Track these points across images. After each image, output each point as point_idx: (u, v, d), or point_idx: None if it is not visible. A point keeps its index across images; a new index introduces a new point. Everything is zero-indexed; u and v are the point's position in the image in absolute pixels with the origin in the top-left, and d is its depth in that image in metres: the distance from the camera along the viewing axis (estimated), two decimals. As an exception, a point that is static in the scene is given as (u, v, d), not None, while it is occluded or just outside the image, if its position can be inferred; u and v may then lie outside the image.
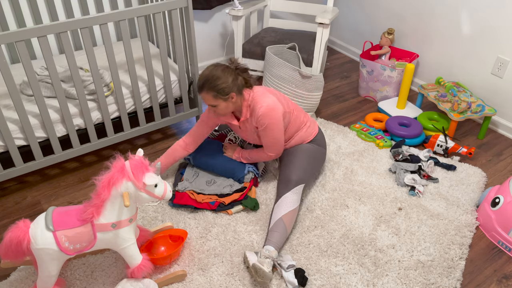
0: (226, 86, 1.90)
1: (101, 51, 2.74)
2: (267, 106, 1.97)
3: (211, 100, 1.93)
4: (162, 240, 1.92)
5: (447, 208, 2.17)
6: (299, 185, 2.06)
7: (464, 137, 2.76)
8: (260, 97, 2.01)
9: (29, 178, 2.41)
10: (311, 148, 2.20)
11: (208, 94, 1.91)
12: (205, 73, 1.91)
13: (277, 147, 2.11)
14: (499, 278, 1.87)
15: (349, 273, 1.84)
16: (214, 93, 1.90)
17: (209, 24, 3.35)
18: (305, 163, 2.13)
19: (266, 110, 1.97)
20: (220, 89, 1.89)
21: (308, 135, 2.22)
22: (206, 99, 1.94)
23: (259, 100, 2.00)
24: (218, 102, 1.93)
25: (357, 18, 3.61)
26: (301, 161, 2.13)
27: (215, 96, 1.91)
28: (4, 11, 2.51)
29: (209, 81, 1.89)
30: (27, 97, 2.28)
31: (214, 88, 1.89)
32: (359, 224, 2.08)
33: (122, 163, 1.54)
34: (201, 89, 1.92)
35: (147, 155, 2.54)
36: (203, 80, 1.90)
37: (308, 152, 2.18)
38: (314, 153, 2.20)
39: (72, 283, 1.79)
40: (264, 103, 1.98)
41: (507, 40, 2.59)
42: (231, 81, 1.91)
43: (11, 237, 1.49)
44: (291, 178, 2.05)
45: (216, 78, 1.89)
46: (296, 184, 2.05)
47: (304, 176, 2.09)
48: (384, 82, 3.01)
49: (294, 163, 2.12)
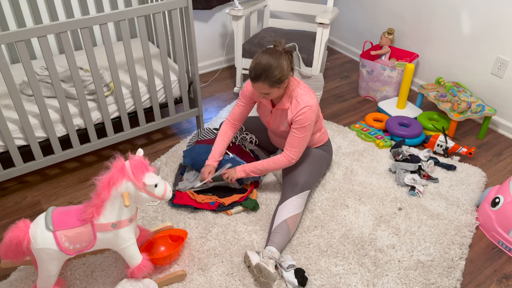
0: (283, 74, 1.84)
1: (101, 51, 2.73)
2: (311, 106, 1.93)
3: (266, 89, 1.87)
4: (162, 240, 1.92)
5: (447, 208, 2.17)
6: (306, 190, 2.06)
7: (464, 137, 2.76)
8: (307, 95, 1.96)
9: (29, 178, 2.41)
10: (319, 153, 2.21)
11: (265, 84, 1.84)
12: (262, 63, 1.81)
13: (301, 151, 2.04)
14: (499, 278, 1.87)
15: (349, 273, 1.84)
16: (271, 82, 1.84)
17: (209, 24, 3.35)
18: (313, 168, 2.13)
19: (310, 110, 1.93)
20: (277, 79, 1.83)
21: (319, 141, 2.22)
22: (261, 88, 1.87)
23: (305, 98, 1.94)
24: (272, 90, 1.88)
25: (357, 18, 3.61)
26: (309, 165, 2.13)
27: (271, 85, 1.85)
28: (4, 11, 2.51)
29: (267, 72, 1.81)
30: (27, 97, 2.28)
31: (272, 78, 1.82)
32: (359, 224, 2.08)
33: (122, 163, 1.54)
34: (258, 79, 1.84)
35: (147, 155, 2.54)
36: (261, 71, 1.81)
37: (316, 157, 2.18)
38: (322, 158, 2.21)
39: (72, 283, 1.79)
40: (309, 103, 1.93)
41: (507, 40, 2.59)
42: (286, 69, 1.84)
43: (11, 237, 1.49)
44: (298, 182, 2.05)
45: (274, 68, 1.81)
46: (303, 189, 2.04)
47: (311, 181, 2.10)
48: (384, 82, 3.01)
49: (302, 166, 2.11)
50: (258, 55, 1.86)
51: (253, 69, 1.84)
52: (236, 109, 2.19)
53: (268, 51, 1.86)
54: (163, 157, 2.50)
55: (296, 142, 2.01)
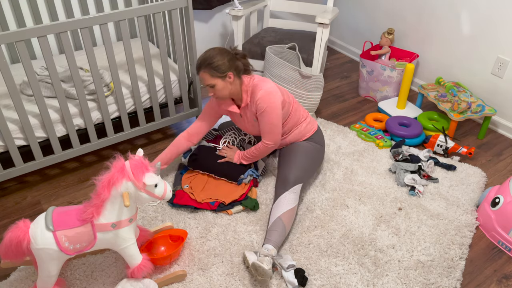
0: (222, 63, 1.93)
1: (101, 51, 2.74)
2: (265, 90, 2.01)
3: (208, 79, 1.96)
4: (162, 240, 1.92)
5: (447, 208, 2.17)
6: (297, 184, 2.06)
7: (464, 137, 2.76)
8: (260, 82, 2.05)
9: (29, 178, 2.41)
10: (309, 146, 2.20)
11: (205, 73, 1.95)
12: (202, 54, 1.97)
13: (275, 135, 2.08)
14: (499, 278, 1.87)
15: (349, 273, 1.84)
16: (211, 70, 1.93)
17: (209, 24, 3.35)
18: (303, 162, 2.13)
19: (264, 93, 2.00)
20: (216, 66, 1.93)
21: (307, 131, 2.22)
22: (204, 78, 1.97)
23: (259, 84, 2.04)
24: (215, 81, 1.96)
25: (357, 18, 3.61)
26: (299, 160, 2.13)
27: (212, 74, 1.94)
28: (4, 11, 2.51)
29: (206, 60, 1.93)
30: (27, 97, 2.28)
31: (211, 65, 1.93)
32: (359, 224, 2.08)
33: (122, 163, 1.54)
34: (199, 68, 1.96)
35: (147, 155, 2.54)
36: (201, 59, 1.95)
37: (306, 151, 2.18)
38: (312, 151, 2.20)
39: (72, 283, 1.79)
40: (263, 87, 2.02)
41: (507, 40, 2.59)
42: (227, 60, 1.95)
43: (11, 237, 1.49)
44: (289, 178, 2.06)
45: (212, 56, 1.93)
46: (294, 183, 2.05)
47: (302, 175, 2.10)
48: (384, 82, 3.01)
49: (292, 162, 2.12)
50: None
51: (197, 61, 1.99)
52: (196, 123, 2.24)
53: (213, 47, 1.99)
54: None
55: (267, 128, 2.07)
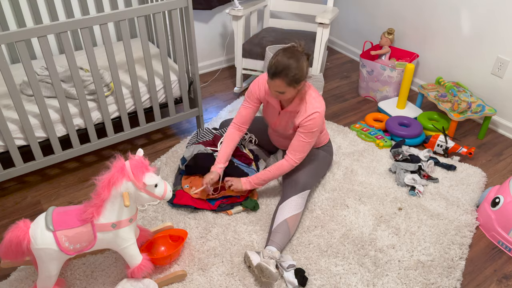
0: (302, 74, 1.83)
1: (101, 51, 2.73)
2: (320, 114, 1.92)
3: (282, 87, 1.83)
4: (162, 240, 1.92)
5: (447, 208, 2.17)
6: (306, 190, 2.06)
7: (464, 137, 2.76)
8: (316, 100, 1.95)
9: (29, 178, 2.40)
10: (321, 154, 2.21)
11: (282, 82, 1.81)
12: (283, 60, 1.79)
13: (303, 155, 2.03)
14: (499, 278, 1.87)
15: (349, 273, 1.84)
16: (289, 81, 1.81)
17: (209, 24, 3.35)
18: (314, 168, 2.14)
19: (318, 116, 1.92)
20: (296, 78, 1.81)
21: (321, 142, 2.22)
22: (278, 85, 1.83)
23: (315, 102, 1.94)
24: (288, 89, 1.85)
25: (357, 18, 3.61)
26: (310, 165, 2.13)
27: (288, 84, 1.82)
28: (4, 11, 2.51)
29: (286, 69, 1.78)
30: (27, 97, 2.28)
31: (291, 76, 1.80)
32: (359, 224, 2.08)
33: (122, 163, 1.54)
34: (276, 76, 1.80)
35: (147, 155, 2.54)
36: (282, 68, 1.78)
37: (317, 157, 2.18)
38: (323, 159, 2.22)
39: (72, 283, 1.79)
40: (319, 109, 1.92)
41: (507, 40, 2.59)
42: (305, 70, 1.84)
43: (11, 237, 1.49)
44: (299, 181, 2.05)
45: (294, 67, 1.79)
46: (303, 188, 2.05)
47: (311, 181, 2.10)
48: (384, 82, 3.01)
49: (304, 166, 2.11)
50: (279, 52, 1.84)
51: (274, 65, 1.81)
52: (243, 112, 2.14)
53: (289, 50, 1.83)
54: (163, 157, 2.50)
55: (301, 146, 2.00)
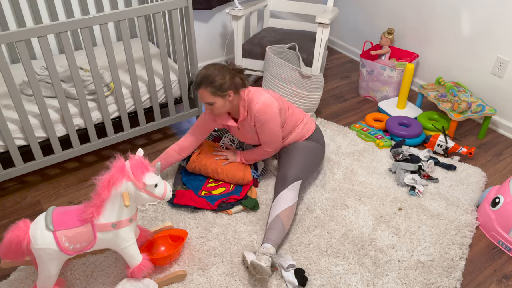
0: (224, 82, 1.92)
1: (101, 51, 2.74)
2: (263, 103, 2.00)
3: (208, 97, 1.95)
4: (162, 240, 1.92)
5: (447, 208, 2.17)
6: (296, 181, 2.06)
7: (464, 137, 2.76)
8: (255, 95, 2.04)
9: (29, 178, 2.41)
10: (308, 145, 2.21)
11: (206, 91, 1.93)
12: (203, 71, 1.94)
13: (275, 143, 2.13)
14: (499, 278, 1.87)
15: (349, 273, 1.84)
16: (212, 89, 1.92)
17: (209, 24, 3.35)
18: (302, 160, 2.14)
19: (262, 106, 2.00)
20: (218, 85, 1.92)
21: (305, 132, 2.23)
22: (203, 96, 1.96)
23: (255, 98, 2.03)
24: (215, 99, 1.95)
25: (357, 18, 3.61)
26: (298, 158, 2.13)
27: (213, 92, 1.93)
28: (4, 11, 2.51)
29: (207, 78, 1.91)
30: (27, 97, 2.28)
31: (212, 84, 1.91)
32: (359, 224, 2.08)
33: (122, 163, 1.54)
34: (199, 85, 1.94)
35: (147, 155, 2.54)
36: (202, 77, 1.93)
37: (305, 149, 2.18)
38: (311, 150, 2.21)
39: (72, 283, 1.79)
40: (259, 100, 2.01)
41: (507, 40, 2.59)
42: (228, 79, 1.94)
43: (11, 237, 1.49)
44: (287, 176, 2.06)
45: (214, 75, 1.91)
46: (293, 181, 2.05)
47: (300, 173, 2.10)
48: (384, 82, 3.01)
49: (291, 161, 2.12)
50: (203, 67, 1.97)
51: (196, 77, 1.96)
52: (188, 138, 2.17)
53: (214, 64, 1.97)
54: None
55: (267, 138, 2.10)
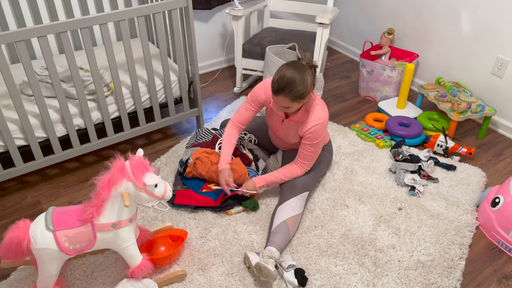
0: (306, 90, 1.81)
1: (101, 51, 2.73)
2: (323, 124, 1.93)
3: (286, 103, 1.83)
4: (162, 240, 1.92)
5: (447, 208, 2.17)
6: (305, 191, 2.06)
7: (464, 137, 2.76)
8: (321, 110, 1.95)
9: (29, 178, 2.41)
10: (320, 154, 2.20)
11: (286, 98, 1.81)
12: (287, 76, 1.77)
13: (313, 161, 2.07)
14: (499, 278, 1.87)
15: (349, 273, 1.84)
16: (293, 97, 1.80)
17: (209, 24, 3.35)
18: (313, 169, 2.13)
19: (321, 127, 1.93)
20: (300, 94, 1.80)
21: None
22: (282, 101, 1.83)
23: (319, 113, 1.94)
24: (293, 104, 1.85)
25: (357, 18, 3.61)
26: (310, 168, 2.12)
27: (292, 99, 1.81)
28: (4, 11, 2.51)
29: (290, 86, 1.77)
30: (27, 97, 2.28)
31: (295, 93, 1.79)
32: (359, 224, 2.08)
33: (122, 163, 1.54)
34: (280, 92, 1.80)
35: (147, 155, 2.54)
36: (285, 84, 1.77)
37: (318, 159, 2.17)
38: (322, 159, 2.21)
39: (72, 283, 1.79)
40: (321, 119, 1.93)
41: (507, 40, 2.59)
42: (309, 84, 1.82)
43: (11, 237, 1.49)
44: (297, 184, 2.05)
45: (298, 82, 1.77)
46: (302, 190, 2.05)
47: (310, 182, 2.10)
48: (384, 82, 3.01)
49: None
50: (283, 67, 1.82)
51: (277, 81, 1.80)
52: (243, 112, 2.12)
53: (293, 65, 1.82)
54: (163, 157, 2.50)
55: (309, 156, 2.03)
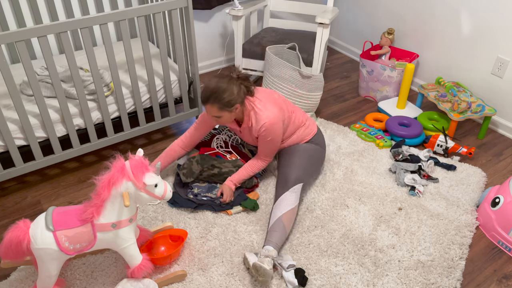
0: (232, 98, 1.90)
1: (101, 51, 2.74)
2: (269, 122, 1.99)
3: (215, 112, 1.94)
4: (162, 240, 1.92)
5: (447, 208, 2.17)
6: (297, 184, 2.06)
7: (464, 137, 2.76)
8: (263, 109, 2.01)
9: (29, 178, 2.40)
10: (309, 147, 2.21)
11: (214, 107, 1.92)
12: (211, 86, 1.90)
13: (273, 154, 2.16)
14: (499, 278, 1.87)
15: (349, 273, 1.84)
16: (220, 105, 1.91)
17: (209, 24, 3.35)
18: (303, 162, 2.14)
19: (269, 125, 1.99)
20: (226, 102, 1.90)
21: (306, 135, 2.23)
22: (211, 111, 1.94)
23: (263, 113, 2.00)
24: (223, 113, 1.95)
25: (357, 18, 3.61)
26: (299, 160, 2.13)
27: (220, 108, 1.92)
28: (4, 11, 2.51)
29: (215, 94, 1.89)
30: (27, 97, 2.28)
31: (220, 101, 1.89)
32: (359, 224, 2.08)
33: (122, 163, 1.54)
34: (207, 101, 1.92)
35: (147, 155, 2.54)
36: (209, 93, 1.90)
37: (306, 151, 2.18)
38: (312, 152, 2.21)
39: (72, 283, 1.79)
40: (266, 118, 1.99)
41: (507, 40, 2.59)
42: (236, 93, 1.91)
43: (11, 237, 1.49)
44: (289, 178, 2.06)
45: (222, 90, 1.89)
46: (294, 183, 2.05)
47: (302, 175, 2.10)
48: (384, 82, 3.01)
49: (292, 163, 2.12)
50: (209, 79, 1.95)
51: (203, 91, 1.92)
52: (192, 132, 2.21)
53: (219, 75, 1.94)
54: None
55: (266, 150, 2.12)
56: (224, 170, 2.19)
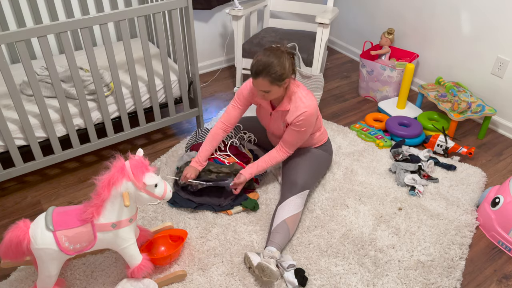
0: (284, 72, 1.85)
1: (101, 51, 2.73)
2: (310, 112, 1.95)
3: (266, 86, 1.87)
4: (162, 240, 1.92)
5: (447, 208, 2.17)
6: (305, 190, 2.06)
7: (464, 137, 2.76)
8: (306, 97, 1.97)
9: (29, 178, 2.41)
10: (318, 153, 2.21)
11: (265, 80, 1.85)
12: (263, 59, 1.83)
13: (295, 147, 2.11)
14: (499, 278, 1.87)
15: (349, 273, 1.84)
16: (271, 79, 1.84)
17: (209, 24, 3.35)
18: (313, 168, 2.14)
19: (308, 115, 1.95)
20: (278, 76, 1.84)
21: (319, 140, 2.23)
22: (261, 85, 1.87)
23: (306, 101, 1.96)
24: (273, 87, 1.88)
25: (357, 18, 3.61)
26: (309, 165, 2.13)
27: (272, 82, 1.85)
28: (4, 11, 2.51)
29: (268, 68, 1.82)
30: (27, 97, 2.28)
31: (273, 74, 1.83)
32: (359, 224, 2.08)
33: (122, 163, 1.54)
34: (258, 75, 1.85)
35: (147, 155, 2.54)
36: (262, 66, 1.83)
37: (315, 156, 2.18)
38: (322, 158, 2.22)
39: (72, 283, 1.79)
40: (308, 107, 1.95)
41: (507, 40, 2.59)
42: (287, 67, 1.86)
43: (11, 237, 1.49)
44: (297, 182, 2.05)
45: (275, 64, 1.83)
46: (302, 189, 2.05)
47: (310, 181, 2.10)
48: (384, 82, 3.01)
49: (301, 166, 2.11)
50: (260, 52, 1.89)
51: (255, 64, 1.85)
52: (231, 111, 2.15)
53: (270, 49, 1.88)
54: (163, 157, 2.50)
55: (293, 140, 2.05)
56: (221, 175, 2.13)
